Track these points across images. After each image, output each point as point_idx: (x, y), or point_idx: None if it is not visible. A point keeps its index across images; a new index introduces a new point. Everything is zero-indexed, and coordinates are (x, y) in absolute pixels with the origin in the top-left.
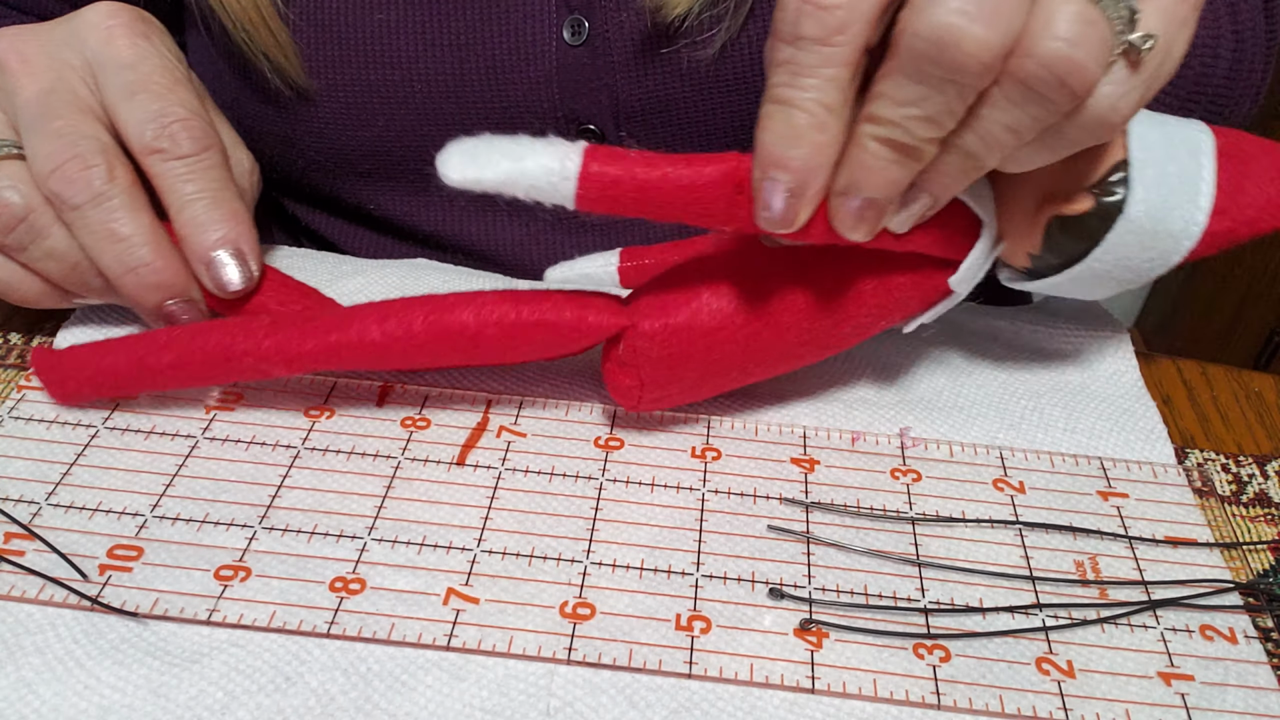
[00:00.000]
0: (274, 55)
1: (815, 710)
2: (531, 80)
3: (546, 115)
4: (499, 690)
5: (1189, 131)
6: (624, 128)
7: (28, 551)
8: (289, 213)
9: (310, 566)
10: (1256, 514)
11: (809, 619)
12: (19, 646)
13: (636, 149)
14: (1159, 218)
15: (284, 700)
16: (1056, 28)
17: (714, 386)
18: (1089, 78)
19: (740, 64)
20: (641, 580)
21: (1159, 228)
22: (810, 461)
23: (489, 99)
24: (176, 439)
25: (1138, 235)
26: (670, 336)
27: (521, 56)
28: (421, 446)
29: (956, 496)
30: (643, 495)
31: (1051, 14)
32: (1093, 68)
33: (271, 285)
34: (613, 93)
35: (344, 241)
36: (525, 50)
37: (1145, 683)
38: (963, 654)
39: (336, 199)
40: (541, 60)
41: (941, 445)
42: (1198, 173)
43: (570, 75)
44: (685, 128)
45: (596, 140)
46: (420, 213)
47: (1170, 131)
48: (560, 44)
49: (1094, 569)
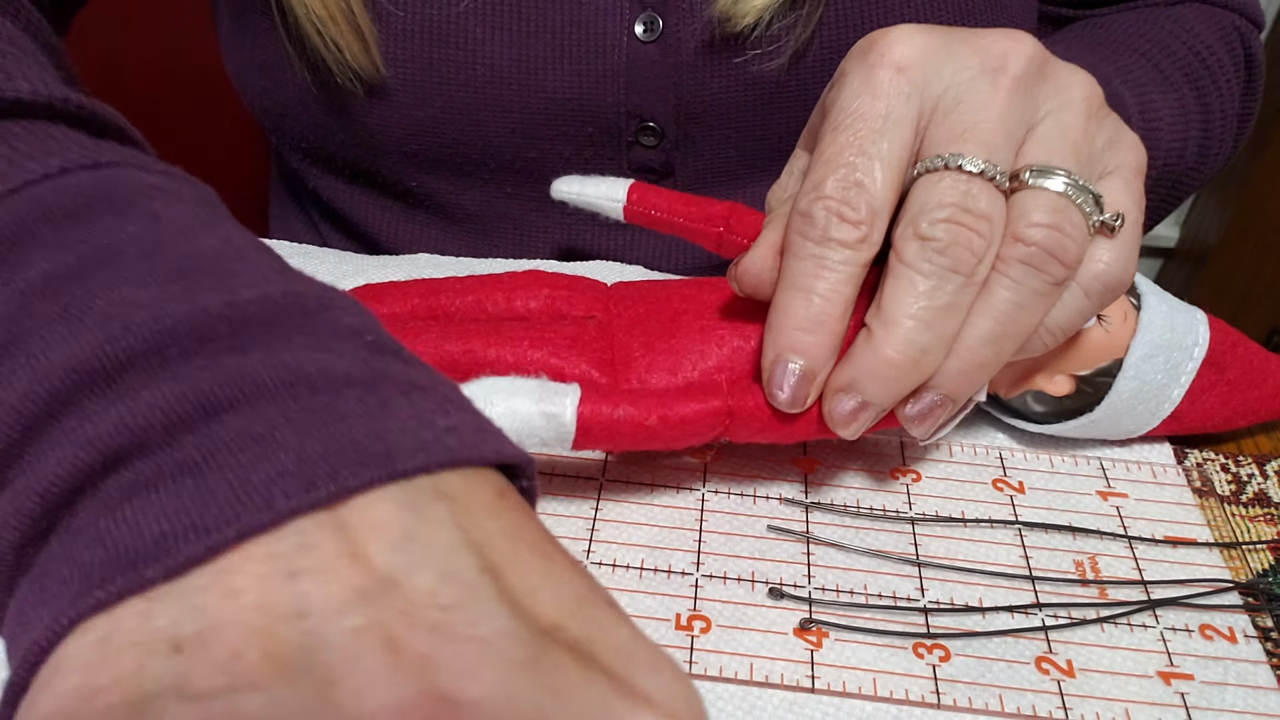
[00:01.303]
0: (346, 44)
1: (815, 710)
2: (599, 73)
3: (609, 109)
4: None
5: (1187, 328)
6: (685, 128)
7: None
8: (309, 186)
9: None
10: (1256, 514)
11: (809, 619)
12: None
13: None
14: (1118, 417)
15: None
16: (1035, 216)
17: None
18: (1072, 250)
19: (805, 75)
20: (641, 580)
21: (1117, 426)
22: (810, 461)
23: (552, 88)
24: None
25: (1095, 423)
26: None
27: (591, 48)
28: None
29: (956, 496)
30: (643, 495)
31: (1028, 208)
32: (1072, 246)
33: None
34: (678, 93)
35: (368, 218)
36: (595, 42)
37: (1145, 682)
38: (962, 653)
39: (373, 174)
40: (611, 54)
41: (941, 445)
42: (1174, 385)
43: (638, 72)
44: (745, 133)
45: (658, 138)
46: (465, 193)
47: (1173, 317)
48: (632, 39)
49: (1093, 569)
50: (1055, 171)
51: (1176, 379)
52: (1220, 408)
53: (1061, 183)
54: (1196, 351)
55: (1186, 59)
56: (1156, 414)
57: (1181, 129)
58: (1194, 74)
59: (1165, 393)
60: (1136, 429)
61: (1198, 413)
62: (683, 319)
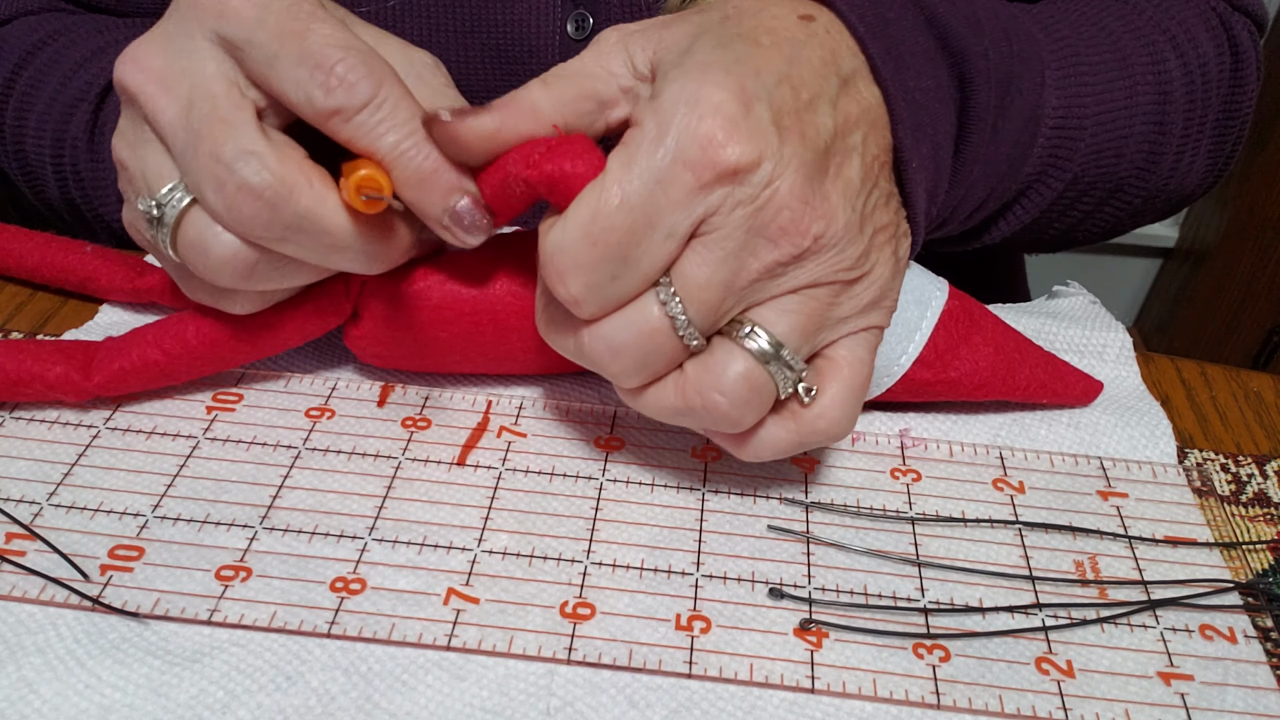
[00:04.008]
0: None
1: (815, 710)
2: (533, 73)
3: None
4: (499, 690)
5: (925, 286)
6: None
7: (29, 552)
8: None
9: (311, 566)
10: (1256, 514)
11: (809, 619)
12: (20, 646)
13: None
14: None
15: (285, 700)
16: (723, 384)
17: (435, 363)
18: (745, 423)
19: None
20: (641, 580)
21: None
22: (810, 461)
23: (493, 88)
24: (178, 439)
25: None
26: (396, 299)
27: (525, 48)
28: (422, 447)
29: (956, 496)
30: (643, 495)
31: (722, 371)
32: (747, 421)
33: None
34: None
35: None
36: (528, 42)
37: (1145, 682)
38: (962, 654)
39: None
40: (544, 53)
41: (941, 445)
42: (916, 323)
43: None
44: None
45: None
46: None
47: (908, 281)
48: (564, 37)
49: (1094, 569)
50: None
51: (921, 311)
52: (979, 367)
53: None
54: (936, 299)
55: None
56: (906, 347)
57: (1124, 123)
58: (1159, 56)
59: (913, 323)
60: (889, 365)
61: (955, 367)
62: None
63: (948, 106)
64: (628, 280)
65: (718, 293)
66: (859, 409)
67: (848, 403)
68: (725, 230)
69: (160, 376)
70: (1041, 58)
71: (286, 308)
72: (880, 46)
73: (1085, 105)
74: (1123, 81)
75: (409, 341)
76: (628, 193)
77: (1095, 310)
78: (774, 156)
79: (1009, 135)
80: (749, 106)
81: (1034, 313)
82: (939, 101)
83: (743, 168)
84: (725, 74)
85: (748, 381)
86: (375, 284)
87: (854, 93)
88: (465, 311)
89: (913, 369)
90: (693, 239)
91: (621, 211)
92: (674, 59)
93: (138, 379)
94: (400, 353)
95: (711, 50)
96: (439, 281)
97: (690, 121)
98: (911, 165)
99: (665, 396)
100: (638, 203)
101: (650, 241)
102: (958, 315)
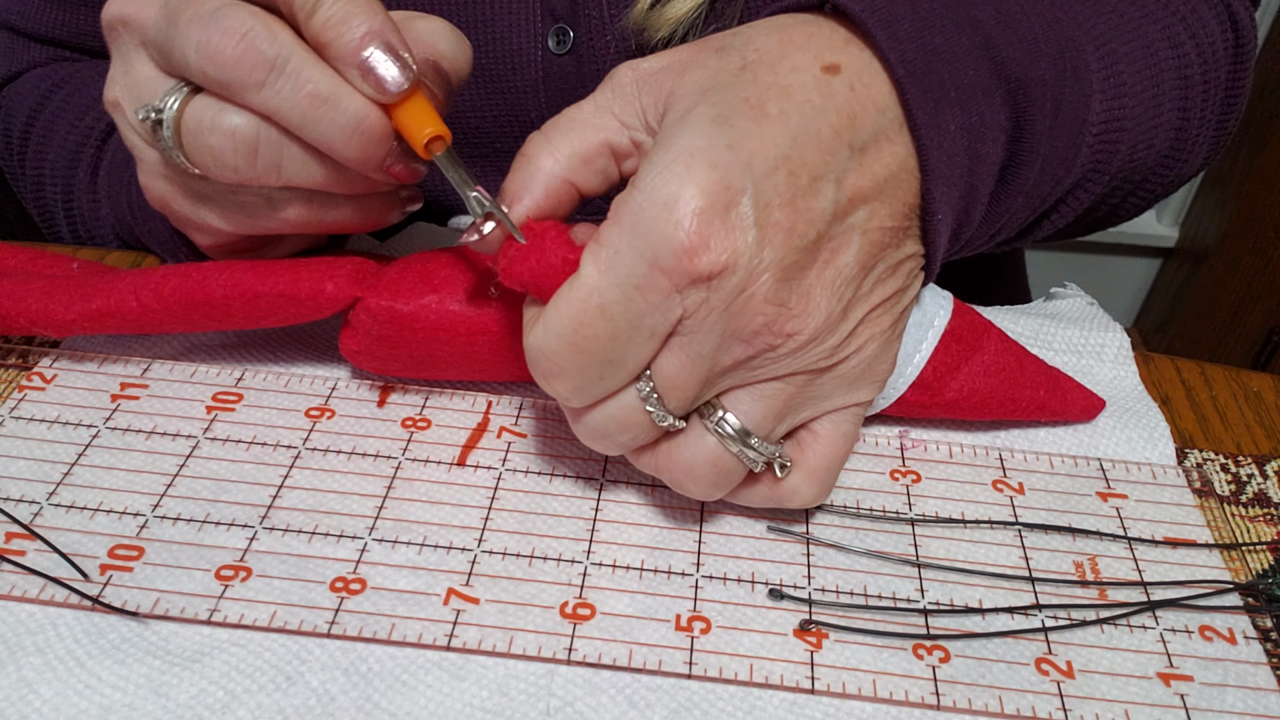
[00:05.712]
0: None
1: (815, 710)
2: (518, 88)
3: (533, 125)
4: (499, 690)
5: (929, 305)
6: None
7: (29, 551)
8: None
9: (311, 566)
10: (1255, 514)
11: (809, 619)
12: (20, 646)
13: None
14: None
15: (285, 699)
16: (693, 466)
17: (430, 373)
18: (714, 497)
19: None
20: (641, 580)
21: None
22: None
23: (478, 105)
24: (178, 439)
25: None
26: (392, 320)
27: (508, 65)
28: (422, 447)
29: (956, 497)
30: (643, 495)
31: (692, 454)
32: (716, 495)
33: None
34: None
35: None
36: (511, 59)
37: (1144, 683)
38: (962, 654)
39: None
40: (527, 69)
41: (941, 446)
42: (916, 346)
43: (555, 85)
44: None
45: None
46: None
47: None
48: (546, 53)
49: (1093, 570)
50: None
51: (924, 332)
52: (977, 388)
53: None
54: (939, 318)
55: (1167, 20)
56: (904, 370)
57: (1154, 114)
58: (1176, 40)
59: (913, 345)
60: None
61: (953, 389)
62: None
63: (997, 141)
64: (613, 380)
65: (693, 388)
66: (835, 478)
67: (821, 479)
68: (700, 333)
69: (132, 325)
70: (1089, 65)
71: (265, 304)
72: (919, 88)
73: (1125, 107)
74: (1150, 71)
75: (404, 358)
76: (606, 302)
77: (1093, 311)
78: (748, 264)
79: (1055, 156)
80: (729, 208)
81: (1032, 314)
82: (986, 137)
83: (716, 273)
84: (710, 169)
85: (714, 466)
86: (367, 303)
87: (872, 158)
88: (461, 332)
89: (909, 392)
90: (671, 336)
91: (603, 320)
92: (672, 124)
93: (112, 322)
94: (395, 367)
95: (707, 129)
96: (435, 302)
97: (666, 228)
98: (936, 217)
99: (644, 464)
100: (618, 311)
101: (633, 344)
102: (960, 335)
